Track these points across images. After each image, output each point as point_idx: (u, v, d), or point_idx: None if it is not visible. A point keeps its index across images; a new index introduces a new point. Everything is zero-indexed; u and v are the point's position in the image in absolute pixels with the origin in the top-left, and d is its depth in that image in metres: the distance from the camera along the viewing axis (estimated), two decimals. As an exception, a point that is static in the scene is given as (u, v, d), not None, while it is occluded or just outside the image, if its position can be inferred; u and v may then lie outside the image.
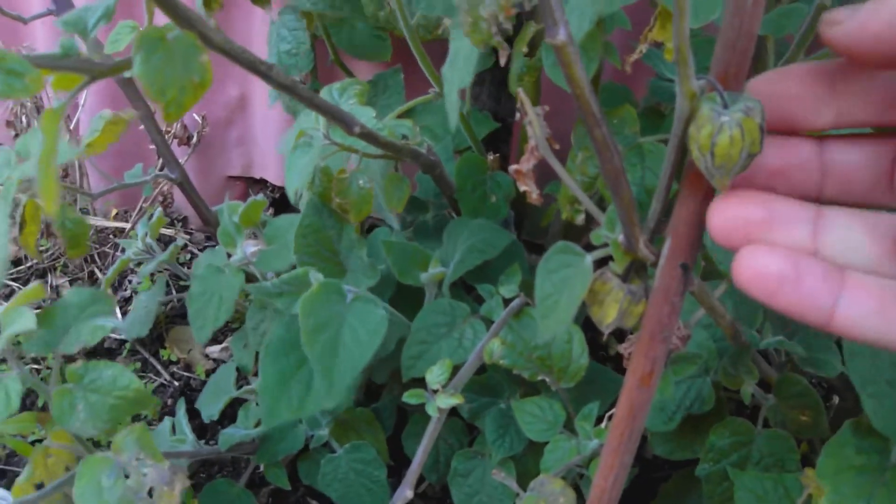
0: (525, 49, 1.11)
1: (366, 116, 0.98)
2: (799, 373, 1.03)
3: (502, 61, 0.75)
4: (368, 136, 0.89)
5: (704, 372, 1.01)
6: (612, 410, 0.96)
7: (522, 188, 0.72)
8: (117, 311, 1.78)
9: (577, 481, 1.10)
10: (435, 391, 0.95)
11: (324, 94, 1.10)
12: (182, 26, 0.60)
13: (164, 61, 0.58)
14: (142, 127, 1.44)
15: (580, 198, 0.72)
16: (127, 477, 0.99)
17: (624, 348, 0.86)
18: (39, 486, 1.11)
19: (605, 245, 0.71)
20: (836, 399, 1.37)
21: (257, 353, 1.35)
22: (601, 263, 0.71)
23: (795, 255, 0.48)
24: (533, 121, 0.66)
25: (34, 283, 1.06)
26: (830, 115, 0.49)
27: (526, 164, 0.71)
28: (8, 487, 1.20)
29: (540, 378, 1.04)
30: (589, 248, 0.73)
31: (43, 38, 1.87)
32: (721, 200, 0.52)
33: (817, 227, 0.50)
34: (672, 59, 0.97)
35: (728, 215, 0.52)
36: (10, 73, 0.51)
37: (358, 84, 1.08)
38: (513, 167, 0.70)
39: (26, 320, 0.98)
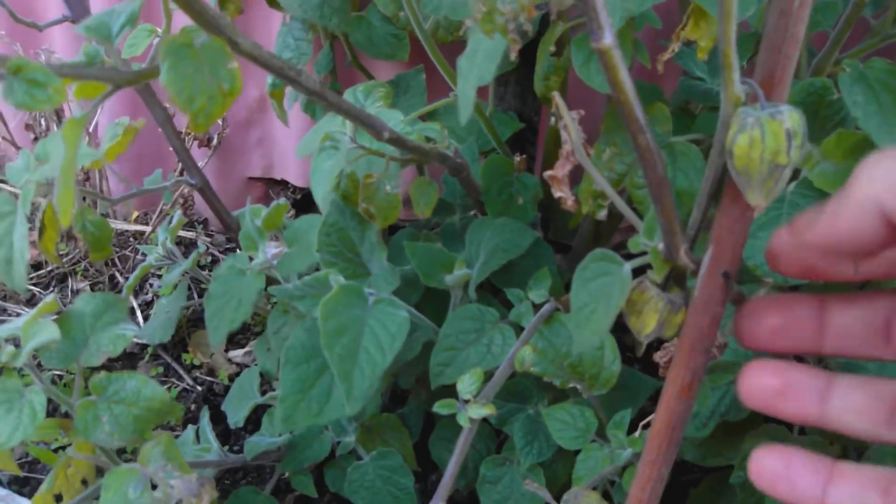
0: (552, 49, 1.09)
1: (393, 120, 0.96)
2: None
3: (512, 56, 0.73)
4: (397, 140, 0.87)
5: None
6: (645, 418, 0.94)
7: (558, 194, 0.70)
8: (139, 314, 1.77)
9: (608, 488, 1.08)
10: (466, 401, 0.93)
11: (347, 96, 1.08)
12: (211, 32, 0.59)
13: (193, 69, 0.57)
14: (160, 130, 1.43)
15: (610, 196, 0.70)
16: (154, 488, 0.98)
17: (660, 356, 0.84)
18: (58, 497, 1.10)
19: (644, 253, 0.69)
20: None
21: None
22: (639, 272, 0.70)
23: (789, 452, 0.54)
24: (569, 125, 0.64)
25: (51, 296, 1.05)
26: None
27: (561, 169, 0.69)
28: (30, 496, 1.19)
29: (571, 385, 1.03)
30: (618, 248, 0.71)
31: (61, 41, 1.86)
32: (746, 368, 0.57)
33: (825, 396, 0.54)
34: (703, 58, 0.96)
35: (751, 383, 0.56)
36: (33, 83, 0.50)
37: (382, 87, 1.06)
38: (547, 173, 0.68)
39: (47, 333, 0.96)
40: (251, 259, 1.22)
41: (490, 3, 0.62)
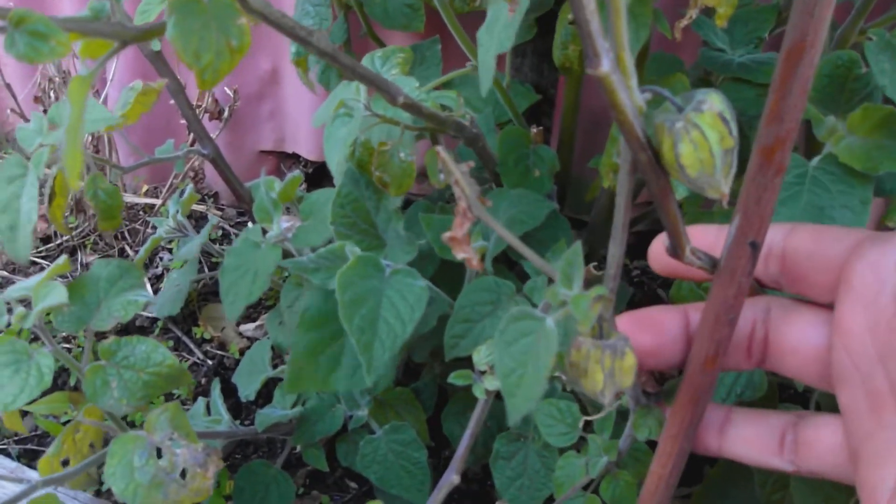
0: (570, 17, 1.07)
1: (408, 87, 0.94)
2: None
3: (511, 14, 0.71)
4: (412, 107, 0.85)
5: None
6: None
7: (460, 256, 0.66)
8: (148, 288, 1.76)
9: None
10: (482, 372, 0.91)
11: (365, 62, 1.06)
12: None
13: (200, 24, 0.55)
14: (172, 102, 1.41)
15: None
16: (160, 457, 0.96)
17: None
18: (66, 462, 1.09)
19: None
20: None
21: (292, 333, 1.32)
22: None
23: None
24: (460, 180, 0.60)
25: (62, 257, 1.03)
26: None
27: (460, 229, 0.65)
28: (40, 469, 1.18)
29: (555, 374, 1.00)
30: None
31: (71, 13, 1.84)
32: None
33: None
34: (722, 25, 0.94)
35: None
36: (35, 34, 0.48)
37: (402, 52, 1.04)
38: (445, 235, 0.64)
39: (57, 295, 0.95)
40: (265, 232, 1.20)
41: None
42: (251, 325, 1.66)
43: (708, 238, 0.54)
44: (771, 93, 0.55)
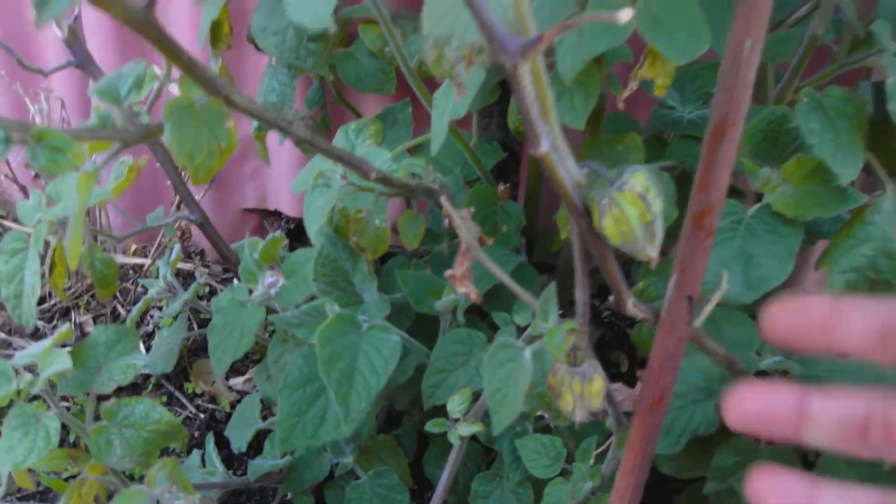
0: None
1: (380, 159, 1.02)
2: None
3: (458, 97, 0.79)
4: (385, 179, 0.93)
5: (709, 396, 1.05)
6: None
7: (461, 290, 0.77)
8: (140, 346, 1.83)
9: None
10: (456, 420, 0.99)
11: (340, 133, 1.15)
12: (210, 93, 0.65)
13: (193, 128, 0.63)
14: (158, 164, 1.48)
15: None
16: (161, 510, 1.03)
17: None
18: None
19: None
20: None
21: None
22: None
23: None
24: (460, 225, 0.71)
25: (64, 326, 1.11)
26: None
27: (460, 267, 0.76)
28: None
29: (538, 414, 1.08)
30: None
31: (59, 78, 1.91)
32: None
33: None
34: (661, 94, 1.02)
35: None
36: (54, 149, 0.56)
37: (373, 124, 1.13)
38: (448, 272, 0.75)
39: (62, 362, 1.02)
40: (251, 291, 1.28)
41: (439, 50, 0.68)
42: (240, 379, 1.73)
43: (823, 311, 0.53)
44: (699, 165, 0.64)
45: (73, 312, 1.91)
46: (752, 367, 1.03)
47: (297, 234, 2.01)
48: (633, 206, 0.59)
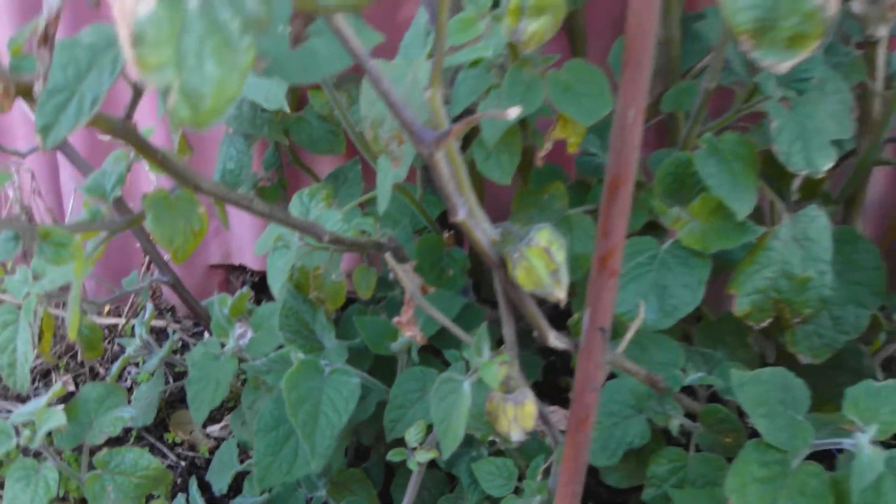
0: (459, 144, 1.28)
1: (332, 221, 1.15)
2: (722, 402, 1.19)
3: (395, 168, 0.92)
4: (337, 240, 1.06)
5: (639, 412, 1.17)
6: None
7: (407, 334, 0.91)
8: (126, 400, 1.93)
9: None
10: (414, 448, 1.11)
11: (295, 199, 1.27)
12: (181, 183, 0.77)
13: (170, 217, 0.75)
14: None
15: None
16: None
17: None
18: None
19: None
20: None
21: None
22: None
23: None
24: (402, 277, 0.85)
25: (58, 384, 1.22)
26: None
27: (406, 315, 0.90)
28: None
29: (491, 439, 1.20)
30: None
31: (23, 133, 2.01)
32: None
33: None
34: (573, 152, 1.15)
35: None
36: (58, 245, 0.68)
37: (324, 188, 1.25)
38: (395, 319, 0.89)
39: (57, 418, 1.14)
40: (223, 345, 1.39)
41: (374, 130, 0.82)
42: (217, 426, 1.84)
43: None
44: (600, 217, 0.76)
45: (53, 373, 2.02)
46: (676, 383, 1.15)
47: (261, 286, 2.12)
48: (539, 258, 0.72)
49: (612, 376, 1.19)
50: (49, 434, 1.18)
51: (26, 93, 0.65)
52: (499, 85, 1.06)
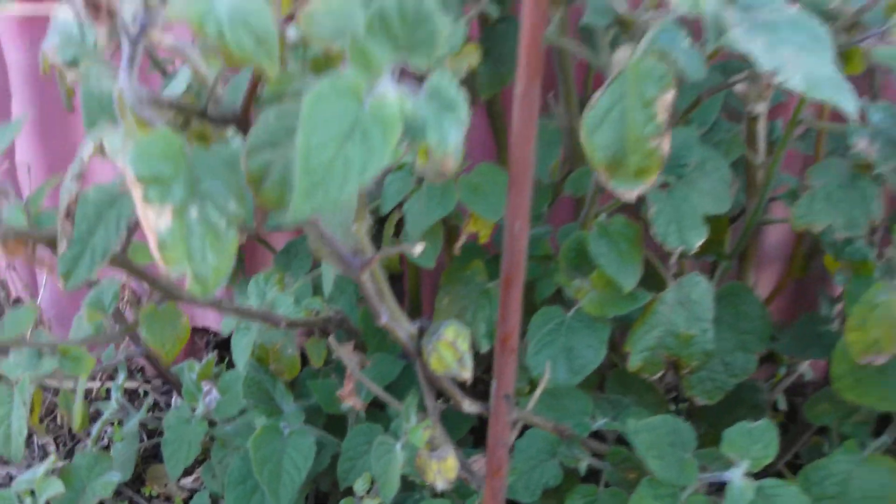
0: (392, 230, 1.47)
1: (285, 305, 1.34)
2: (628, 444, 1.38)
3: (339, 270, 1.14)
4: (292, 323, 1.26)
5: (552, 456, 1.36)
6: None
7: (350, 403, 1.12)
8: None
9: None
10: (361, 497, 1.31)
11: (252, 284, 1.46)
12: (168, 297, 0.97)
13: (160, 327, 0.95)
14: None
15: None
16: None
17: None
18: None
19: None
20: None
21: (224, 481, 1.69)
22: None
23: None
24: (344, 356, 1.06)
25: (52, 455, 1.41)
26: None
27: (347, 387, 1.11)
28: None
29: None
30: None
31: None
32: None
33: None
34: (485, 241, 1.35)
35: None
36: (74, 359, 0.87)
37: (276, 273, 1.45)
38: (339, 392, 1.10)
39: (55, 486, 1.33)
40: (193, 409, 1.59)
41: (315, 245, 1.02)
42: (189, 479, 2.02)
43: None
44: (500, 305, 0.94)
45: (34, 436, 2.19)
46: (585, 430, 1.34)
47: (225, 345, 2.29)
48: (447, 350, 0.92)
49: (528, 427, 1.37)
50: (47, 502, 1.36)
51: (41, 241, 0.85)
52: (419, 188, 1.27)
